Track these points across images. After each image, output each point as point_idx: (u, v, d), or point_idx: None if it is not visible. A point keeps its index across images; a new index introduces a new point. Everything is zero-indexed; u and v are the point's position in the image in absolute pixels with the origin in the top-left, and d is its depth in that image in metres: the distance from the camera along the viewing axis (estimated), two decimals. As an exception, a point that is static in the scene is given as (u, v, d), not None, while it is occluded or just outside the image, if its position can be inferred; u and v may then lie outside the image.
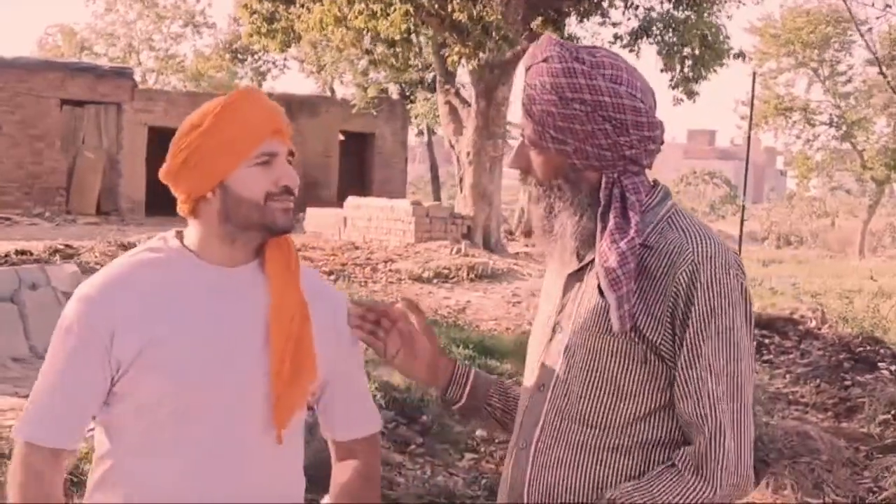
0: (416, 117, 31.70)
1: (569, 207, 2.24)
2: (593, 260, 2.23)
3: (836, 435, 8.22)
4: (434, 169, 36.11)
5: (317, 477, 2.83)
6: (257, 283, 2.28)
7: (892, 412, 8.92)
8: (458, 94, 21.45)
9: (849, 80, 49.29)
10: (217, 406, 2.22)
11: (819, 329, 12.02)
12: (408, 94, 31.33)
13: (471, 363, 9.48)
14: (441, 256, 16.99)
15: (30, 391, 6.79)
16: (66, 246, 15.40)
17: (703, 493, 2.10)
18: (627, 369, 2.18)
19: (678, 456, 2.14)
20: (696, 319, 2.13)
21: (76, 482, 5.95)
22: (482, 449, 7.25)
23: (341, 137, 31.49)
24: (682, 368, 2.14)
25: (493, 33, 17.96)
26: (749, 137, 22.73)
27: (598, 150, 2.19)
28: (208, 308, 2.25)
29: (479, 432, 7.51)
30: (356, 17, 18.09)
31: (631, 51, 19.82)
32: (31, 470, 2.21)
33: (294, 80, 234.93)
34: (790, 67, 49.09)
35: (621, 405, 2.19)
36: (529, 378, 2.38)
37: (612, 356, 2.19)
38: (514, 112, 25.17)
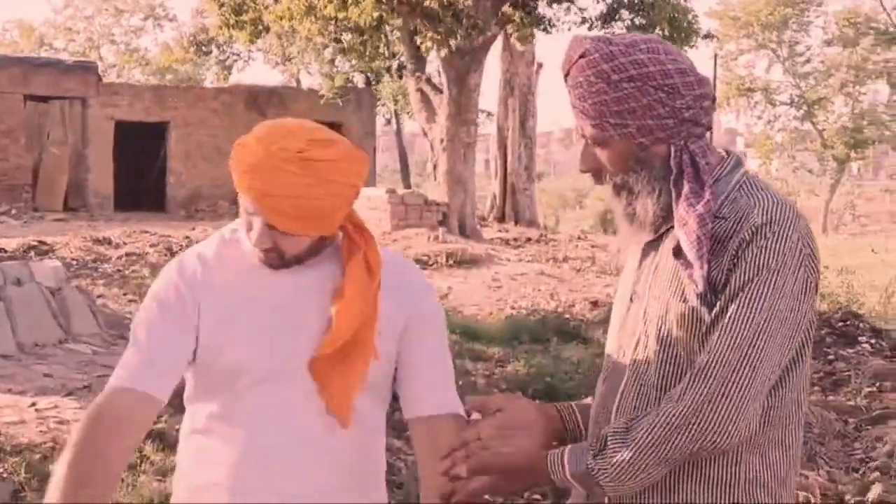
0: (380, 100, 31.59)
1: (646, 186, 2.26)
2: (668, 229, 2.27)
3: (825, 408, 8.32)
4: (403, 157, 36.09)
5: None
6: (332, 273, 2.32)
7: (877, 384, 9.04)
8: (429, 81, 21.47)
9: (807, 61, 49.73)
10: (275, 388, 2.27)
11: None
12: (374, 82, 31.29)
13: (458, 347, 9.59)
14: (419, 243, 17.03)
15: (22, 388, 6.78)
16: (40, 242, 15.33)
17: (686, 439, 2.11)
18: (697, 337, 2.19)
19: (674, 393, 2.15)
20: (740, 278, 2.13)
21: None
22: (478, 432, 7.28)
23: (308, 128, 31.25)
24: (716, 313, 2.14)
25: (464, 20, 17.99)
26: (712, 119, 22.88)
27: (659, 120, 2.21)
28: (279, 294, 2.30)
29: (474, 416, 7.56)
30: (326, 6, 18.06)
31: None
32: (101, 418, 2.18)
33: (259, 71, 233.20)
34: (750, 49, 49.48)
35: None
36: (611, 349, 2.40)
37: (682, 323, 2.21)
38: (487, 99, 25.19)
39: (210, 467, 2.33)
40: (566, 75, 2.30)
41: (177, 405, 6.75)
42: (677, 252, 2.19)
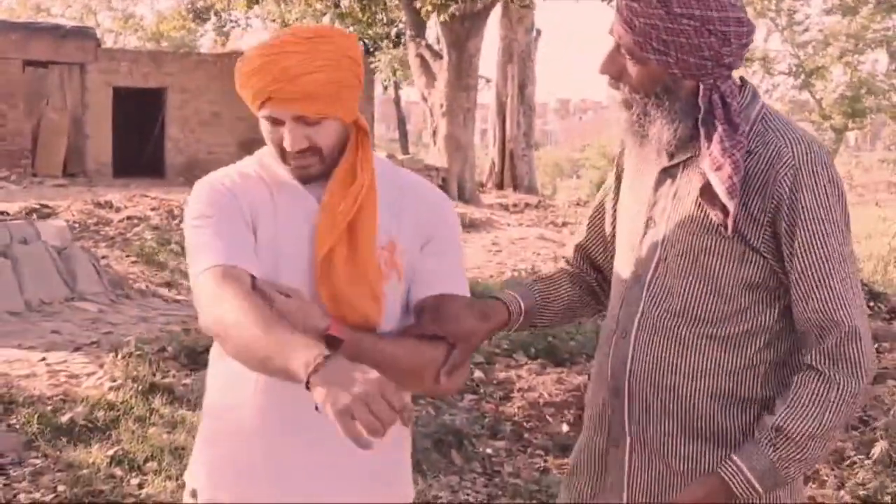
0: (379, 72, 31.57)
1: (666, 115, 2.30)
2: (688, 158, 2.33)
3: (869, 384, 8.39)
4: (402, 124, 36.07)
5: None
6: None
7: (877, 345, 9.12)
8: (429, 46, 21.47)
9: (806, 30, 49.53)
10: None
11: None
12: (371, 49, 31.23)
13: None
14: (419, 208, 17.04)
15: (32, 343, 6.87)
16: (42, 206, 15.33)
17: (856, 389, 2.21)
18: (724, 267, 2.28)
19: (812, 358, 2.23)
20: (806, 222, 2.21)
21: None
22: (481, 390, 7.36)
23: (306, 94, 31.17)
24: (799, 271, 2.22)
25: (465, -17, 18.04)
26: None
27: (701, 60, 2.24)
28: (288, 215, 2.34)
29: (477, 374, 7.62)
30: (327, -30, 18.07)
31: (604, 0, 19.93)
32: (240, 281, 2.18)
33: (258, 37, 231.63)
34: (749, 18, 49.28)
35: (717, 300, 2.30)
36: (624, 270, 2.46)
37: (710, 254, 2.29)
38: (485, 65, 25.16)
39: (239, 388, 2.35)
40: None
41: (185, 362, 6.82)
42: (705, 191, 2.24)
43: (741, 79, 2.39)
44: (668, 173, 2.40)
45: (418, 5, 19.26)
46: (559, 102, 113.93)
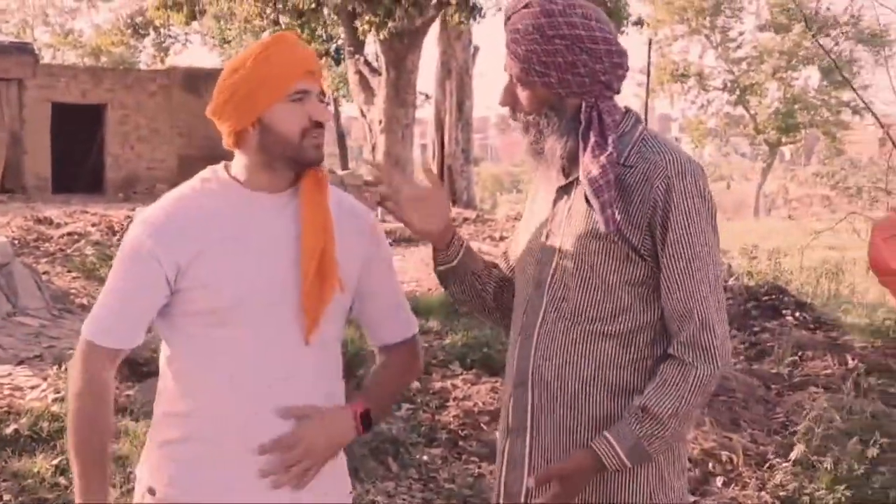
0: (320, 89, 31.56)
1: (556, 132, 2.61)
2: (578, 176, 2.61)
3: (750, 375, 8.66)
4: (342, 140, 36.17)
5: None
6: (293, 206, 2.57)
7: (799, 354, 9.41)
8: (368, 63, 21.64)
9: (740, 46, 50.25)
10: (254, 314, 2.51)
11: (727, 282, 12.51)
12: (311, 65, 31.25)
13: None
14: (358, 223, 17.10)
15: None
16: (-20, 222, 15.32)
17: (709, 373, 2.50)
18: (612, 267, 2.57)
19: (673, 348, 2.53)
20: (675, 224, 2.51)
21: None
22: (418, 399, 7.51)
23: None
24: (667, 267, 2.53)
25: (403, 1, 18.17)
26: (646, 105, 23.29)
27: (578, 77, 2.56)
28: (248, 229, 2.53)
29: (414, 384, 7.80)
30: (266, -12, 18.19)
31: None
32: (88, 374, 2.51)
33: (197, 54, 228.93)
34: (684, 34, 49.88)
35: (608, 298, 2.58)
36: (525, 278, 2.75)
37: (598, 255, 2.58)
38: (424, 81, 25.36)
39: (193, 394, 2.56)
40: (507, 18, 2.63)
41: (128, 374, 6.92)
42: (587, 197, 2.54)
43: (625, 108, 2.68)
44: (564, 190, 2.69)
45: (357, 23, 19.43)
46: (499, 117, 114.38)
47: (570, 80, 2.56)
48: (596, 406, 2.60)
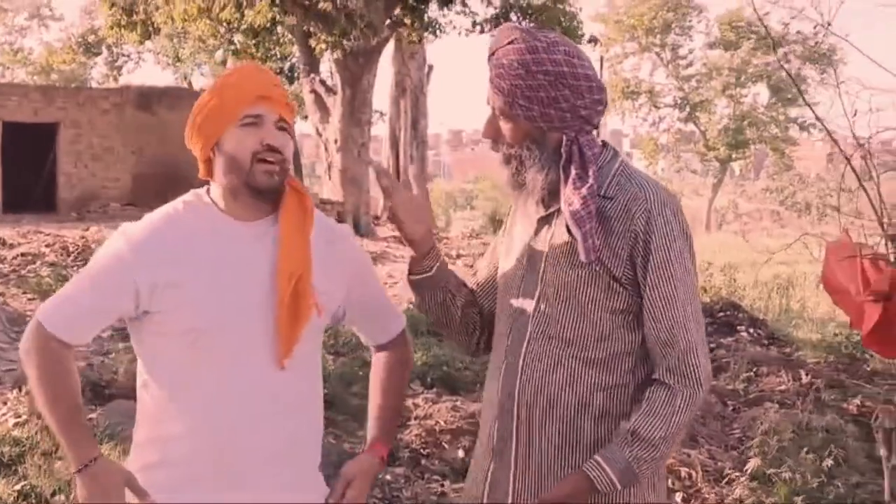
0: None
1: (536, 164, 2.70)
2: (559, 208, 2.69)
3: (707, 392, 8.76)
4: (296, 158, 36.10)
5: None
6: (272, 233, 2.63)
7: (754, 370, 9.55)
8: (323, 82, 21.68)
9: (690, 64, 50.80)
10: (229, 339, 2.56)
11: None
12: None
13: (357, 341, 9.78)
14: (314, 242, 17.08)
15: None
16: (-67, 243, 15.19)
17: (694, 397, 2.60)
18: (593, 296, 2.66)
19: (659, 374, 2.62)
20: (656, 253, 2.60)
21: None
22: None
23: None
24: (650, 296, 2.62)
25: (358, 21, 18.24)
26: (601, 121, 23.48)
27: (560, 112, 2.65)
28: (225, 255, 2.60)
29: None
30: (222, 9, 18.14)
31: (492, 36, 20.32)
32: (40, 342, 2.58)
33: (150, 72, 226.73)
34: (635, 52, 50.34)
35: (590, 325, 2.66)
36: (510, 307, 2.82)
37: (581, 285, 2.66)
38: (379, 100, 25.40)
39: (168, 418, 2.61)
40: (491, 54, 2.71)
41: (90, 397, 6.90)
42: (569, 228, 2.62)
43: (603, 142, 2.79)
44: (545, 221, 2.77)
45: (313, 43, 19.47)
46: (451, 133, 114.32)
47: (552, 115, 2.66)
48: (579, 430, 2.68)
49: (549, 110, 2.65)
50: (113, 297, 2.57)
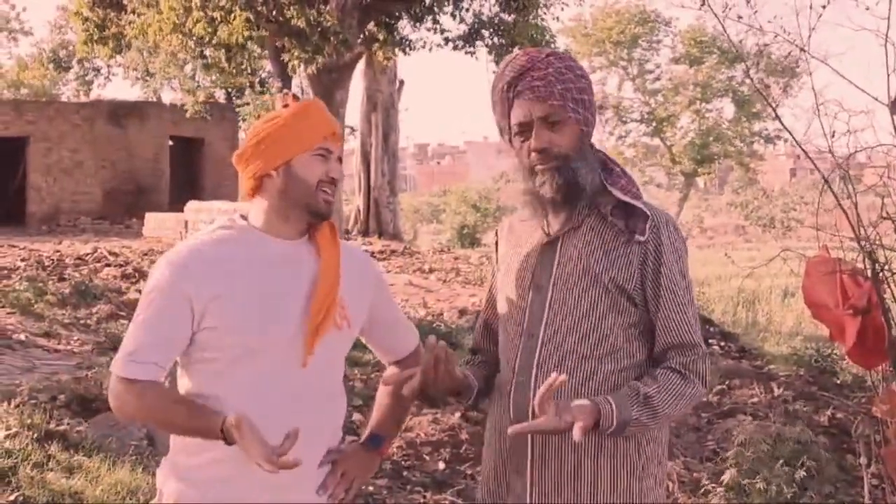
0: (244, 120, 31.63)
1: (587, 165, 2.86)
2: (565, 231, 2.87)
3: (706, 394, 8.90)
4: (266, 172, 35.99)
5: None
6: (305, 252, 2.84)
7: (727, 382, 9.72)
8: (295, 97, 21.71)
9: (657, 79, 51.06)
10: (269, 351, 2.75)
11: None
12: (235, 97, 31.30)
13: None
14: (288, 256, 17.11)
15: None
16: None
17: (700, 394, 2.79)
18: (604, 314, 2.82)
19: (677, 363, 2.79)
20: (667, 267, 2.79)
21: None
22: (360, 432, 7.65)
23: (171, 143, 31.10)
24: (663, 307, 2.80)
25: (332, 38, 18.33)
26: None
27: (593, 116, 2.88)
28: (268, 272, 2.79)
29: (355, 416, 7.93)
30: (195, 25, 18.20)
31: (467, 52, 20.59)
32: (136, 395, 2.74)
33: (119, 86, 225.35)
34: (602, 66, 50.54)
35: (602, 342, 2.82)
36: (516, 329, 2.95)
37: (593, 305, 2.82)
38: (350, 114, 25.48)
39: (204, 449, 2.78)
40: (525, 71, 2.86)
41: (78, 409, 6.95)
42: (615, 211, 2.86)
43: None
44: (550, 246, 2.92)
45: (286, 58, 19.56)
46: (417, 147, 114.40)
47: (591, 119, 2.87)
48: (590, 442, 2.81)
49: (590, 114, 2.86)
50: (178, 324, 2.73)
